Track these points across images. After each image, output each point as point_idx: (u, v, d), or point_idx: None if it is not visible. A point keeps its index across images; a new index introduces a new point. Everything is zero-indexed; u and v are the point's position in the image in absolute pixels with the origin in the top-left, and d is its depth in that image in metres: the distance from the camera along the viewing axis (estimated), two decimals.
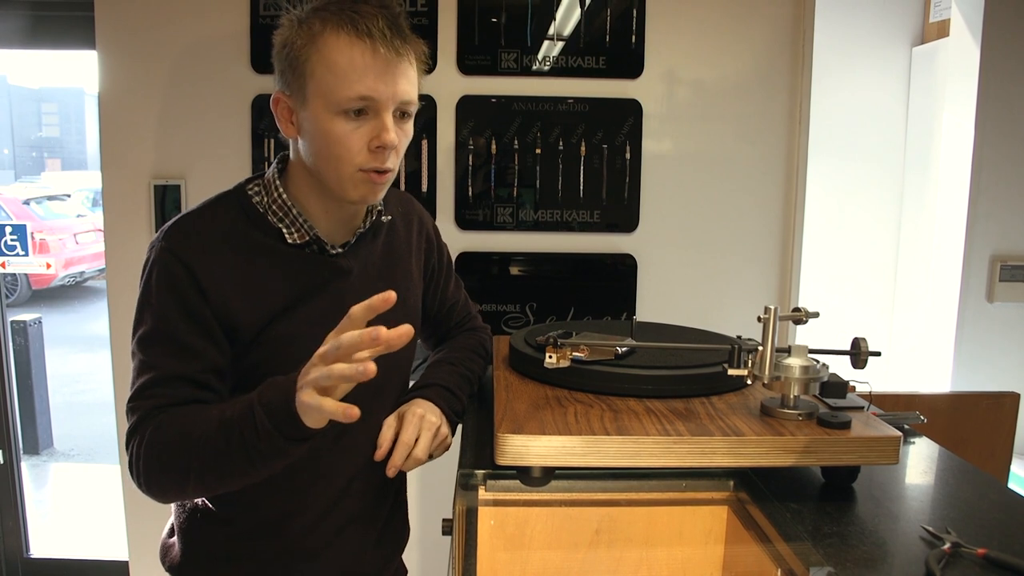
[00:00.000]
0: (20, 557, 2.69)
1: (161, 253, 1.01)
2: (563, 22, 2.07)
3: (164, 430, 0.95)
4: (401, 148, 1.03)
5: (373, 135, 0.99)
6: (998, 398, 1.83)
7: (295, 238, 1.05)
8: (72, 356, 5.99)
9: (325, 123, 0.99)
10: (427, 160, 2.10)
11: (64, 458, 4.36)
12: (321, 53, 0.98)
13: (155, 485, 0.97)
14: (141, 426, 0.97)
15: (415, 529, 1.40)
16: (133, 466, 0.97)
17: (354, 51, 0.96)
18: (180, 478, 0.95)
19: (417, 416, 1.09)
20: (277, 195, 1.06)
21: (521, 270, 2.15)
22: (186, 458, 0.93)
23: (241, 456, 0.90)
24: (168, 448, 0.94)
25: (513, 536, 1.08)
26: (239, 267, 1.02)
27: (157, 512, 1.19)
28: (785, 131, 2.13)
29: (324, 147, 1.00)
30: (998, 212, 2.29)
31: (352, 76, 0.96)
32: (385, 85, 0.98)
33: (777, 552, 0.89)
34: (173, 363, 0.98)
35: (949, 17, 2.42)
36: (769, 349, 0.93)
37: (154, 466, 0.95)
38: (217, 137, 2.07)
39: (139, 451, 0.95)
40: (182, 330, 0.99)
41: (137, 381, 0.99)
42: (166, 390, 0.98)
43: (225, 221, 1.05)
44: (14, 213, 7.11)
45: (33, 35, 2.25)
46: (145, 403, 0.97)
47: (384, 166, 1.01)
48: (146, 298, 1.01)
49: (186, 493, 1.01)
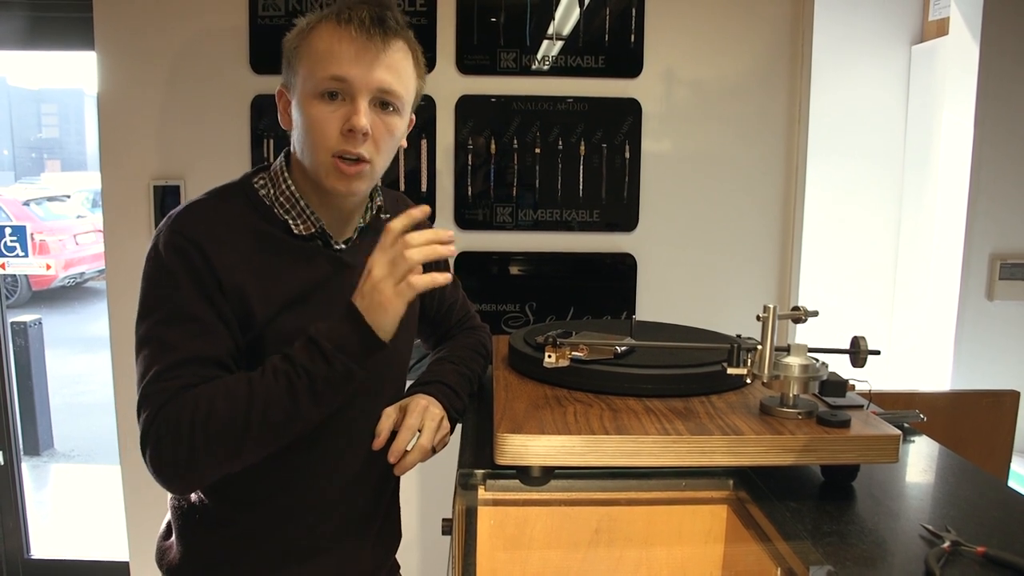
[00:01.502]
0: (21, 558, 2.69)
1: (172, 236, 0.99)
2: (562, 21, 2.07)
3: (205, 400, 0.92)
4: (381, 140, 1.03)
5: (345, 119, 1.00)
6: (998, 396, 1.83)
7: (301, 230, 1.06)
8: (72, 357, 5.99)
9: (305, 107, 1.01)
10: (426, 160, 2.10)
11: (64, 459, 4.37)
12: (308, 42, 1.01)
13: (195, 465, 0.92)
14: (165, 409, 0.92)
15: (415, 529, 1.41)
16: (162, 457, 0.92)
17: (332, 36, 1.00)
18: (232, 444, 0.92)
19: (421, 406, 1.09)
20: (285, 187, 1.06)
21: (521, 270, 2.15)
22: (241, 418, 0.91)
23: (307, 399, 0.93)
24: (217, 416, 0.91)
25: (513, 536, 1.07)
26: (250, 255, 1.02)
27: (157, 513, 1.19)
28: (784, 130, 2.13)
29: (304, 132, 1.02)
30: (998, 210, 2.29)
31: (328, 58, 0.99)
32: (358, 68, 0.99)
33: (777, 551, 0.89)
34: (194, 343, 0.95)
35: (948, 15, 2.42)
36: (768, 348, 0.93)
37: (198, 442, 0.91)
38: (217, 138, 2.07)
39: (172, 435, 0.91)
40: (201, 309, 0.96)
41: (153, 367, 0.94)
42: (194, 369, 0.94)
43: (232, 211, 1.04)
44: (14, 214, 7.11)
45: (32, 36, 2.25)
46: (168, 385, 0.93)
47: (354, 151, 1.00)
48: (156, 282, 0.98)
49: (236, 461, 0.95)
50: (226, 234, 1.01)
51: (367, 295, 0.94)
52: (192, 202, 1.05)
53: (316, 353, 0.93)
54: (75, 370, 5.69)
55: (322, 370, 0.93)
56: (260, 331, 1.01)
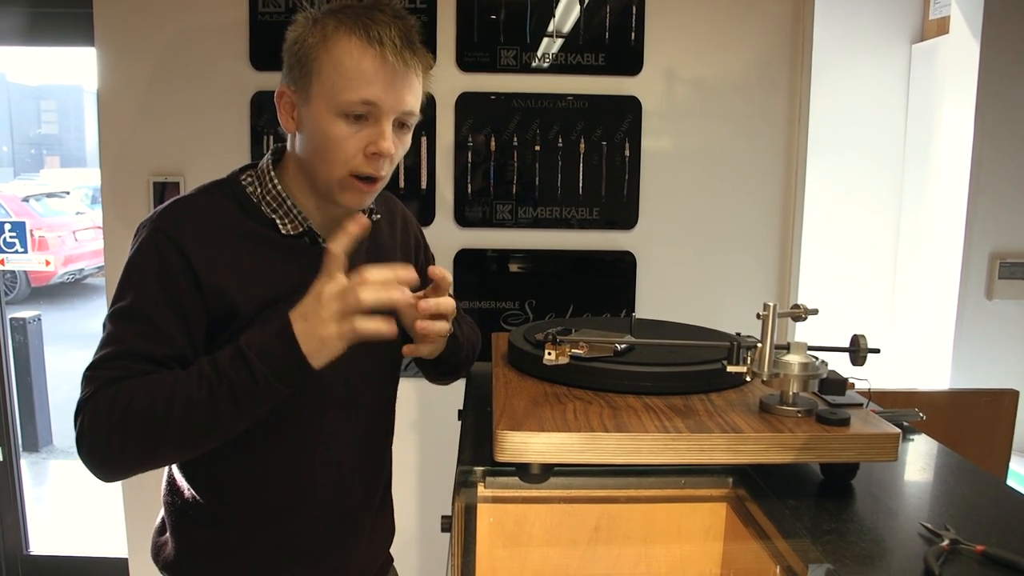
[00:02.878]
0: (20, 554, 2.69)
1: (153, 234, 1.00)
2: (562, 19, 2.07)
3: (126, 395, 0.91)
4: (396, 157, 1.04)
5: (370, 141, 0.99)
6: (997, 395, 1.83)
7: (288, 229, 1.06)
8: (71, 353, 5.98)
9: (325, 123, 0.99)
10: (426, 157, 2.10)
11: (63, 455, 4.37)
12: (331, 53, 0.98)
13: (112, 456, 0.93)
14: (96, 395, 0.93)
15: (414, 526, 1.41)
16: (85, 439, 0.93)
17: (364, 56, 0.97)
18: (148, 443, 0.92)
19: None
20: (272, 186, 1.06)
21: (520, 267, 2.15)
22: (158, 419, 0.90)
23: (226, 407, 0.90)
24: (134, 412, 0.91)
25: (512, 533, 1.08)
26: (233, 252, 1.02)
27: (155, 509, 1.19)
28: (785, 128, 2.13)
29: (321, 146, 1.01)
30: (997, 209, 2.29)
31: (358, 80, 0.97)
32: (389, 93, 0.98)
33: (776, 549, 0.89)
34: (141, 341, 0.96)
35: (949, 14, 2.42)
36: (768, 346, 0.93)
37: (114, 434, 0.91)
38: (216, 134, 2.07)
39: (93, 422, 0.92)
40: (160, 313, 0.97)
41: (100, 352, 0.97)
42: (128, 363, 0.95)
43: (218, 208, 1.04)
44: (13, 210, 7.10)
45: (32, 32, 2.25)
46: (105, 374, 0.94)
47: (377, 174, 1.01)
48: (129, 275, 1.00)
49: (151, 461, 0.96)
50: (210, 231, 1.01)
51: (309, 318, 0.89)
52: (178, 199, 1.06)
53: (242, 365, 0.90)
54: (74, 366, 5.68)
55: (246, 383, 0.90)
56: (244, 326, 1.01)
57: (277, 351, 0.89)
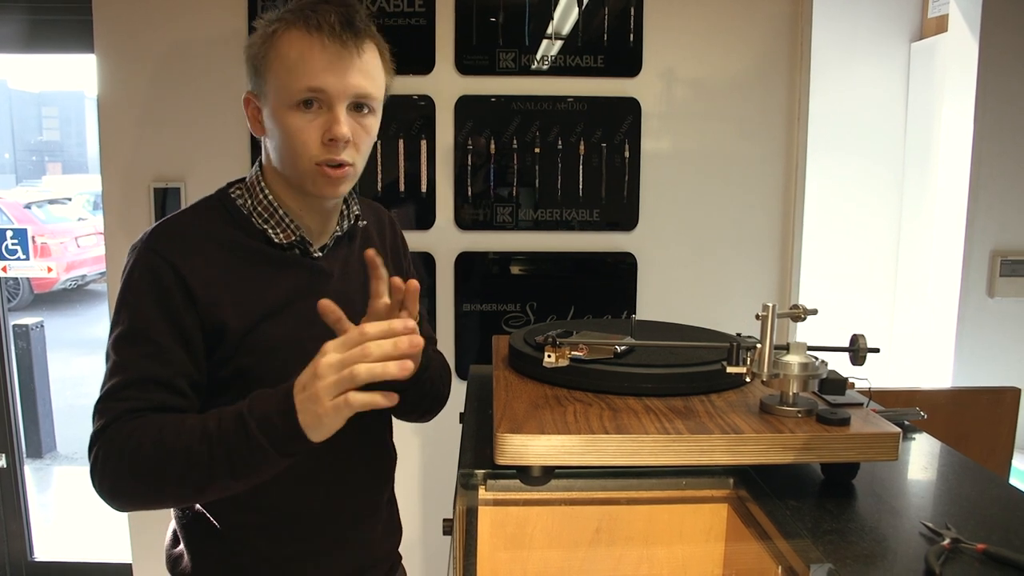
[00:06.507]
0: (24, 560, 2.70)
1: (145, 254, 1.01)
2: (561, 21, 2.07)
3: (137, 437, 0.92)
4: (360, 143, 1.04)
5: (325, 128, 1.00)
6: (999, 394, 1.82)
7: (281, 238, 1.06)
8: (74, 359, 5.99)
9: (281, 118, 1.01)
10: (426, 160, 2.10)
11: (67, 461, 4.37)
12: (277, 49, 1.00)
13: (121, 492, 0.94)
14: (110, 430, 0.94)
15: (416, 529, 1.41)
16: (97, 471, 0.94)
17: (304, 45, 0.99)
18: (151, 488, 0.93)
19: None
20: (263, 196, 1.07)
21: (521, 269, 2.15)
22: (161, 468, 0.91)
23: (223, 469, 0.89)
24: (142, 456, 0.91)
25: (513, 535, 1.08)
26: (226, 269, 1.02)
27: (160, 515, 1.19)
28: (784, 128, 2.13)
29: (282, 142, 1.02)
30: (998, 207, 2.29)
31: (301, 69, 0.98)
32: (334, 77, 0.99)
33: (777, 549, 0.89)
34: (147, 364, 0.96)
35: (947, 12, 2.42)
36: (768, 346, 0.93)
37: (123, 473, 0.92)
38: (216, 139, 2.07)
39: (107, 455, 0.93)
40: (160, 331, 0.97)
41: (108, 382, 0.97)
42: (139, 393, 0.96)
43: (209, 224, 1.05)
44: (15, 217, 7.11)
45: (32, 39, 2.25)
46: (117, 405, 0.95)
47: (338, 158, 1.01)
48: (124, 298, 1.00)
49: (155, 503, 0.99)
50: (202, 248, 1.02)
51: (307, 389, 0.86)
52: (169, 217, 1.06)
53: (241, 430, 0.89)
54: (77, 372, 5.70)
55: (243, 449, 0.89)
56: (238, 343, 1.01)
57: (275, 420, 0.87)
